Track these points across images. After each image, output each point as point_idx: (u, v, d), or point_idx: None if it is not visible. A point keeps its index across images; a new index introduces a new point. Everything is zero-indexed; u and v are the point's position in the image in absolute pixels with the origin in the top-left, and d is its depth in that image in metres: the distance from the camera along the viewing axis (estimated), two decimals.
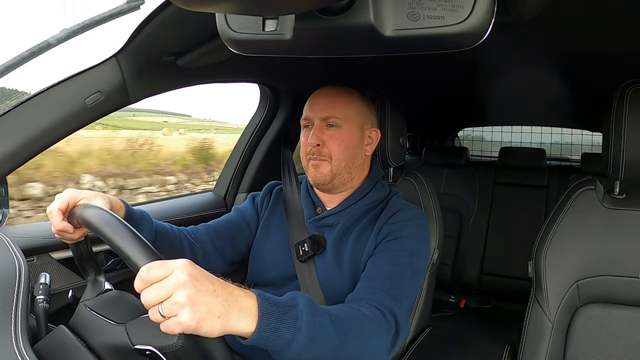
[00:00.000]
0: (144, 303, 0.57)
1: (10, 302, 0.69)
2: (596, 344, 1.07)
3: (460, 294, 2.56)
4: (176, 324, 0.56)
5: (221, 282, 0.62)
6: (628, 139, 0.99)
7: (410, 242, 1.01)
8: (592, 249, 1.08)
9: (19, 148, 1.00)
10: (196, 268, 0.60)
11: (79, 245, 0.85)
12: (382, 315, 0.85)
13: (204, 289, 0.58)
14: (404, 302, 0.92)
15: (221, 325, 0.59)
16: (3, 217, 1.10)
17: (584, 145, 3.21)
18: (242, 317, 0.61)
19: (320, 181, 1.08)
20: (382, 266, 0.96)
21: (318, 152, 1.06)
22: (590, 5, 0.90)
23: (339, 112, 1.06)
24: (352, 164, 1.09)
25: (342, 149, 1.06)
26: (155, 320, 0.57)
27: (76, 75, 1.04)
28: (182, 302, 0.56)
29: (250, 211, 1.20)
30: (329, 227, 1.10)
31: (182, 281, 0.57)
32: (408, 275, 0.96)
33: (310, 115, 1.08)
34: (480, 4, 0.47)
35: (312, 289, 1.05)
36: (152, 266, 0.58)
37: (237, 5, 0.47)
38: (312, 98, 1.11)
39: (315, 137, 1.05)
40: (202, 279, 0.59)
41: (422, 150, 2.80)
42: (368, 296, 0.88)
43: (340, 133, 1.06)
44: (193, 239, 1.09)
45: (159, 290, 0.56)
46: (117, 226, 0.67)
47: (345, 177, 1.09)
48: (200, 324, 0.57)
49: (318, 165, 1.06)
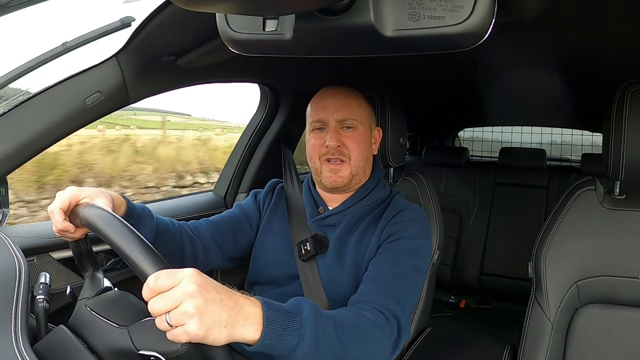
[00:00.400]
0: (152, 312, 0.58)
1: (10, 302, 0.69)
2: (596, 344, 1.07)
3: (460, 294, 2.55)
4: (183, 333, 0.57)
5: (228, 290, 0.63)
6: (628, 139, 0.99)
7: (412, 242, 1.01)
8: (592, 249, 1.08)
9: (20, 148, 1.00)
10: (203, 277, 0.60)
11: (78, 242, 0.85)
12: (385, 320, 0.85)
13: (211, 298, 0.59)
14: (406, 304, 0.93)
15: (227, 334, 0.60)
16: (3, 217, 1.10)
17: (584, 145, 3.21)
18: (247, 325, 0.62)
19: (339, 185, 1.08)
20: (385, 267, 0.97)
21: (339, 152, 1.06)
22: (590, 6, 0.90)
23: (354, 114, 1.07)
24: (367, 164, 1.11)
25: (361, 150, 1.07)
26: (162, 328, 0.58)
27: (76, 75, 1.04)
28: (191, 312, 0.56)
29: (252, 208, 1.20)
30: (331, 226, 1.10)
31: (191, 292, 0.57)
32: (411, 276, 0.97)
33: (325, 117, 1.07)
34: (481, 4, 0.47)
35: (314, 288, 1.05)
36: (160, 275, 0.58)
37: (237, 5, 0.47)
38: (322, 99, 1.10)
39: (334, 139, 1.05)
40: (210, 288, 0.60)
41: (422, 150, 2.80)
42: (371, 299, 0.89)
43: (357, 134, 1.07)
44: (194, 234, 1.08)
45: (167, 300, 0.57)
46: (123, 231, 0.66)
47: (361, 177, 1.10)
48: (208, 333, 0.58)
49: (337, 169, 1.06)
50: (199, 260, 1.08)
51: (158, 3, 0.90)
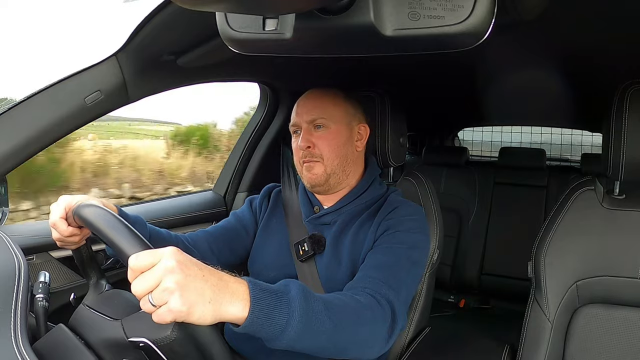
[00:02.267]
0: (135, 294, 0.57)
1: (10, 301, 0.69)
2: (596, 344, 1.07)
3: (460, 294, 2.55)
4: (167, 311, 0.56)
5: (210, 268, 0.62)
6: (628, 139, 0.99)
7: (408, 235, 1.01)
8: (591, 249, 1.08)
9: (19, 147, 1.00)
10: (183, 255, 0.60)
11: (80, 250, 0.86)
12: (377, 303, 0.84)
13: (192, 274, 0.58)
14: (401, 292, 0.91)
15: (213, 311, 0.58)
16: (3, 216, 1.10)
17: (584, 145, 3.21)
18: (233, 301, 0.61)
19: (315, 183, 1.08)
20: (379, 257, 0.96)
21: (310, 154, 1.06)
22: (590, 6, 0.90)
23: (324, 113, 1.07)
24: (345, 162, 1.09)
25: (333, 148, 1.07)
26: (147, 310, 0.57)
27: (76, 74, 1.04)
28: (171, 288, 0.56)
29: (248, 215, 1.20)
30: (327, 225, 1.10)
31: (170, 267, 0.56)
32: (406, 266, 0.96)
33: (298, 121, 1.08)
34: (481, 4, 0.47)
35: (313, 288, 1.04)
36: (140, 255, 0.58)
37: (237, 4, 0.47)
38: (298, 104, 1.11)
39: (304, 140, 1.06)
40: (191, 264, 0.59)
41: (422, 150, 2.80)
42: (363, 284, 0.88)
43: (329, 133, 1.07)
44: (190, 244, 1.09)
45: (148, 279, 0.56)
46: (108, 219, 0.68)
47: (340, 175, 1.09)
48: (192, 310, 0.56)
49: (311, 167, 1.07)
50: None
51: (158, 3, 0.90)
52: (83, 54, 1.13)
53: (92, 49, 1.02)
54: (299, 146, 1.07)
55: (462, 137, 3.49)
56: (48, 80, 1.02)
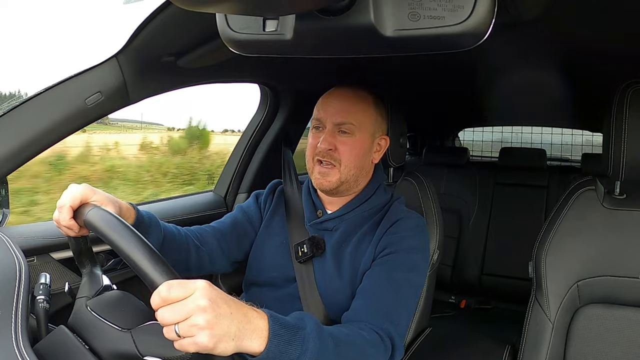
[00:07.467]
0: (161, 321, 0.59)
1: (11, 303, 0.68)
2: (596, 344, 1.07)
3: (460, 295, 2.55)
4: (192, 343, 0.58)
5: (237, 303, 0.64)
6: (628, 139, 0.99)
7: (408, 256, 1.01)
8: (592, 249, 1.08)
9: (20, 148, 1.00)
10: (215, 290, 0.62)
11: (78, 240, 0.85)
12: (380, 340, 0.88)
13: (222, 312, 0.60)
14: (401, 322, 0.95)
15: (234, 346, 0.62)
16: (3, 217, 1.10)
17: (584, 145, 3.21)
18: (253, 337, 0.64)
19: (325, 188, 1.07)
20: (379, 284, 0.97)
21: (329, 155, 1.04)
22: (590, 6, 0.90)
23: (354, 119, 1.04)
24: (360, 172, 1.08)
25: (353, 157, 1.05)
26: (170, 338, 0.59)
27: (76, 75, 1.04)
28: (201, 325, 0.58)
29: (253, 210, 1.20)
30: (328, 231, 1.09)
31: (203, 306, 0.58)
32: (405, 293, 0.98)
33: (323, 118, 1.06)
34: (481, 4, 0.47)
35: (309, 291, 1.05)
36: (173, 285, 0.59)
37: (237, 5, 0.47)
38: (326, 99, 1.08)
39: (326, 142, 1.03)
40: (221, 302, 0.61)
41: (422, 150, 2.80)
42: (366, 319, 0.91)
43: (353, 140, 1.04)
44: (199, 241, 1.08)
45: (179, 311, 0.58)
46: (131, 238, 0.67)
47: (351, 184, 1.08)
48: (217, 345, 0.59)
49: (326, 173, 1.05)
50: (204, 268, 1.09)
51: (158, 3, 0.90)
52: (84, 55, 1.13)
53: (93, 50, 1.02)
54: (319, 147, 1.04)
55: (463, 137, 3.48)
56: (48, 81, 1.02)
